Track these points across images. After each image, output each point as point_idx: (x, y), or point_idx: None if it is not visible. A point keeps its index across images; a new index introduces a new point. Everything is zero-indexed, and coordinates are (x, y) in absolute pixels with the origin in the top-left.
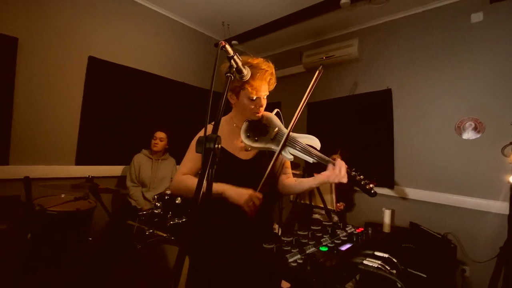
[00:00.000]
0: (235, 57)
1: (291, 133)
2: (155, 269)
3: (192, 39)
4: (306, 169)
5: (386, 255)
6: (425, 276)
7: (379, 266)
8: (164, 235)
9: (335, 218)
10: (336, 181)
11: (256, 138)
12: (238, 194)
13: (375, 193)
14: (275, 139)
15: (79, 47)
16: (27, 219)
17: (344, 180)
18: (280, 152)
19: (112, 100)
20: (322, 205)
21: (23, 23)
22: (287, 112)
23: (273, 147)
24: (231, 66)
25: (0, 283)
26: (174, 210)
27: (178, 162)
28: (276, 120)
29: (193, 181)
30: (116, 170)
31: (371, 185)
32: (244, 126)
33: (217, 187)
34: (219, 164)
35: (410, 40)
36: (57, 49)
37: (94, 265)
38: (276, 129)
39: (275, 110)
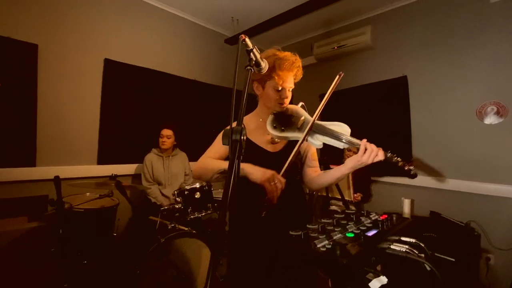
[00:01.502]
0: (254, 50)
1: (319, 121)
2: (178, 261)
3: (202, 36)
4: (321, 161)
5: (413, 240)
6: (453, 260)
7: (408, 250)
8: (186, 229)
9: (353, 209)
10: (370, 161)
11: (283, 128)
12: (259, 171)
13: (415, 174)
14: (302, 128)
15: (95, 50)
16: (58, 217)
17: (380, 157)
18: (306, 137)
19: (128, 100)
20: (339, 197)
21: (42, 30)
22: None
23: (300, 135)
24: (250, 59)
25: (33, 276)
26: (194, 204)
27: (194, 159)
28: (302, 111)
29: (214, 163)
30: (131, 168)
31: (410, 166)
32: (270, 118)
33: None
34: (249, 157)
35: (425, 24)
36: (75, 53)
37: (121, 260)
38: (303, 117)
39: (300, 103)
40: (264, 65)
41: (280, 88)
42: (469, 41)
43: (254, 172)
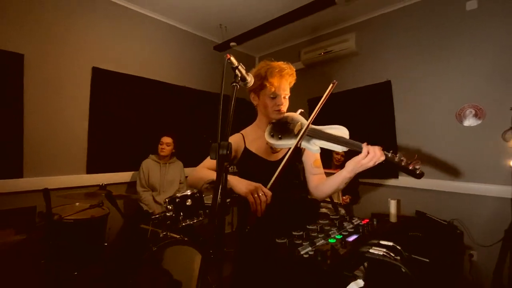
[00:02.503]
0: (239, 67)
1: (315, 126)
2: (171, 269)
3: (191, 43)
4: None
5: (390, 243)
6: (427, 260)
7: (385, 253)
8: (177, 236)
9: (342, 211)
10: (372, 163)
11: (280, 136)
12: (242, 183)
13: (422, 173)
14: (299, 134)
15: (83, 59)
16: (48, 229)
17: (382, 158)
18: (299, 142)
19: (117, 108)
20: (328, 200)
21: (28, 40)
22: (287, 109)
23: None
24: (236, 75)
25: None
26: (185, 211)
27: (185, 164)
28: (300, 117)
29: (204, 173)
30: (125, 176)
31: (415, 166)
32: (268, 128)
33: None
34: (248, 167)
35: (406, 31)
36: (62, 62)
37: (112, 269)
38: (299, 123)
39: (299, 110)
40: (250, 79)
41: (274, 96)
42: (447, 47)
43: (237, 184)
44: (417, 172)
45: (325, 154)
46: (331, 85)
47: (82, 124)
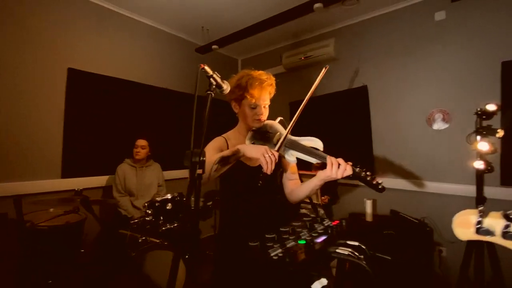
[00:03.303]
0: (214, 75)
1: (293, 137)
2: (151, 274)
3: (172, 44)
4: None
5: (356, 243)
6: (389, 258)
7: (350, 253)
8: (157, 241)
9: (321, 212)
10: (340, 176)
11: (260, 144)
12: (253, 147)
13: (384, 188)
14: (278, 143)
15: (58, 59)
16: (20, 237)
17: (348, 172)
18: (278, 149)
19: (94, 110)
20: (308, 200)
21: (0, 39)
22: (269, 113)
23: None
24: (210, 84)
25: None
26: (165, 215)
27: (163, 167)
28: (279, 126)
29: (209, 159)
30: (101, 180)
31: (378, 181)
32: (249, 135)
33: (230, 149)
34: (230, 171)
35: (382, 38)
36: (35, 62)
37: (89, 276)
38: (278, 133)
39: (279, 118)
40: (226, 86)
41: (254, 106)
42: (418, 55)
43: (248, 150)
44: (379, 187)
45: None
46: (323, 69)
47: (57, 127)
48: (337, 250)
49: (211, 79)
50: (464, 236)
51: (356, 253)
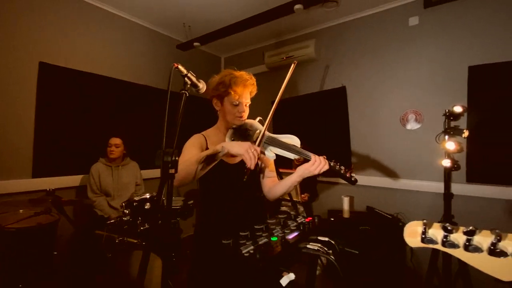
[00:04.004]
0: (188, 74)
1: (272, 134)
2: (128, 276)
3: (152, 40)
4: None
5: (326, 239)
6: (357, 252)
7: (319, 248)
8: (135, 241)
9: (301, 209)
10: (318, 171)
11: (240, 141)
12: (236, 144)
13: (356, 180)
14: (257, 140)
15: (29, 52)
16: None
17: (326, 167)
18: (260, 147)
19: (68, 107)
20: (288, 198)
21: None
22: (251, 111)
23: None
24: (185, 83)
25: None
26: (144, 215)
27: (142, 165)
28: (259, 125)
29: (194, 157)
30: (75, 180)
31: (352, 174)
32: (229, 132)
33: (214, 147)
34: (210, 170)
35: (359, 41)
36: (4, 56)
37: (63, 279)
38: (258, 131)
39: (258, 118)
40: (202, 85)
41: (237, 103)
42: (393, 57)
43: (232, 146)
44: (352, 179)
45: (286, 159)
46: (292, 64)
47: (27, 124)
48: (308, 246)
49: (186, 78)
50: (413, 244)
51: (325, 248)
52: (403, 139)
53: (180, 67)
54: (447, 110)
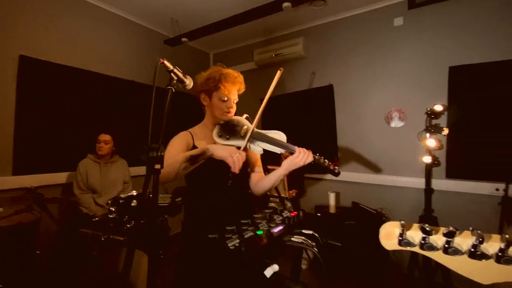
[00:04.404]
0: (174, 70)
1: (260, 130)
2: (115, 273)
3: (139, 34)
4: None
5: (310, 232)
6: (339, 244)
7: (303, 241)
8: (121, 238)
9: (289, 205)
10: (302, 162)
11: (228, 137)
12: (220, 148)
13: (339, 172)
14: (245, 136)
15: (8, 45)
16: None
17: (310, 159)
18: (248, 143)
19: (52, 102)
20: (276, 194)
21: None
22: (240, 108)
23: (243, 143)
24: (171, 78)
25: None
26: (130, 213)
27: (130, 162)
28: (246, 121)
29: (178, 156)
30: (60, 177)
31: (335, 166)
32: (216, 128)
33: (199, 149)
34: (198, 166)
35: (347, 40)
36: None
37: (47, 278)
38: (245, 127)
39: (245, 115)
40: (188, 81)
41: (225, 99)
42: (379, 57)
43: (216, 150)
44: (336, 171)
45: (274, 155)
46: (278, 71)
47: (7, 119)
48: (292, 239)
49: (172, 73)
50: (389, 247)
51: (309, 241)
52: (387, 136)
53: (166, 62)
54: (428, 109)
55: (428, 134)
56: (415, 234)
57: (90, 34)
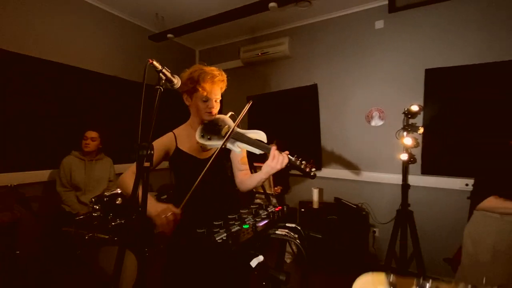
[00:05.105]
0: (163, 70)
1: (240, 129)
2: (100, 271)
3: (124, 30)
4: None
5: (293, 225)
6: (320, 236)
7: (286, 233)
8: (106, 237)
9: (274, 201)
10: (279, 165)
11: (209, 137)
12: (152, 206)
13: (315, 175)
14: (225, 136)
15: None
16: None
17: (285, 161)
18: (224, 144)
19: (32, 98)
20: (261, 191)
21: None
22: (226, 105)
23: (221, 144)
24: (160, 78)
25: None
26: (115, 211)
27: (115, 160)
28: (229, 120)
29: (130, 183)
30: (41, 175)
31: (311, 168)
32: (198, 129)
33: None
34: (180, 165)
35: (330, 41)
36: None
37: (28, 279)
38: (227, 126)
39: (230, 113)
40: (176, 81)
41: (206, 99)
42: (361, 58)
43: (148, 208)
44: (311, 174)
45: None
46: (247, 104)
47: None
48: (276, 232)
49: (160, 74)
50: None
51: (292, 233)
52: (368, 135)
53: (155, 62)
54: (405, 109)
55: (405, 133)
56: None
57: (72, 27)
